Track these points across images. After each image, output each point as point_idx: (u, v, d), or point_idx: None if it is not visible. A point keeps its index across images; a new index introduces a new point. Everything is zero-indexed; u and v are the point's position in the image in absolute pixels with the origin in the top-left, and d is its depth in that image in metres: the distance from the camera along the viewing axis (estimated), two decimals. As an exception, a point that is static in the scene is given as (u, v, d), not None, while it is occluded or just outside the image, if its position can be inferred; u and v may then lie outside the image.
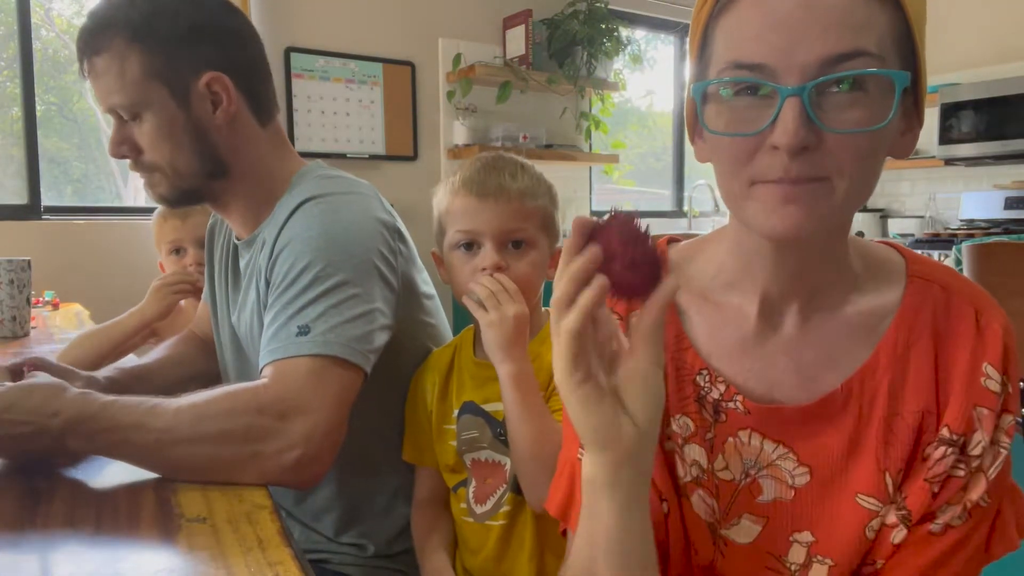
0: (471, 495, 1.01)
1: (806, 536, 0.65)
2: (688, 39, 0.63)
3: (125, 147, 0.98)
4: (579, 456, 0.68)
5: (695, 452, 0.67)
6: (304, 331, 0.87)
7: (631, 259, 0.51)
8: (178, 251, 1.60)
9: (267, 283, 0.97)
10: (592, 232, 0.54)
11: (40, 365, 0.96)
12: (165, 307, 1.46)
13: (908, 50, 0.56)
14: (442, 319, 1.17)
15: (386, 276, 0.96)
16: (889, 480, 0.63)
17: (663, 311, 0.54)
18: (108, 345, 1.41)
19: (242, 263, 1.10)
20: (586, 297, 0.52)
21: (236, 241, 1.12)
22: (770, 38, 0.54)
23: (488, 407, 0.99)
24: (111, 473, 0.79)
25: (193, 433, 0.78)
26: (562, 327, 0.53)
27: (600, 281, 0.53)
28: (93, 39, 0.95)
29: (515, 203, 0.96)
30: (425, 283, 1.11)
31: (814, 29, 0.53)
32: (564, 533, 0.73)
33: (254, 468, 0.78)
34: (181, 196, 1.02)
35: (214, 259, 1.21)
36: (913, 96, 0.59)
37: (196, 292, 1.47)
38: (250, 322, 1.04)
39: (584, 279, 0.53)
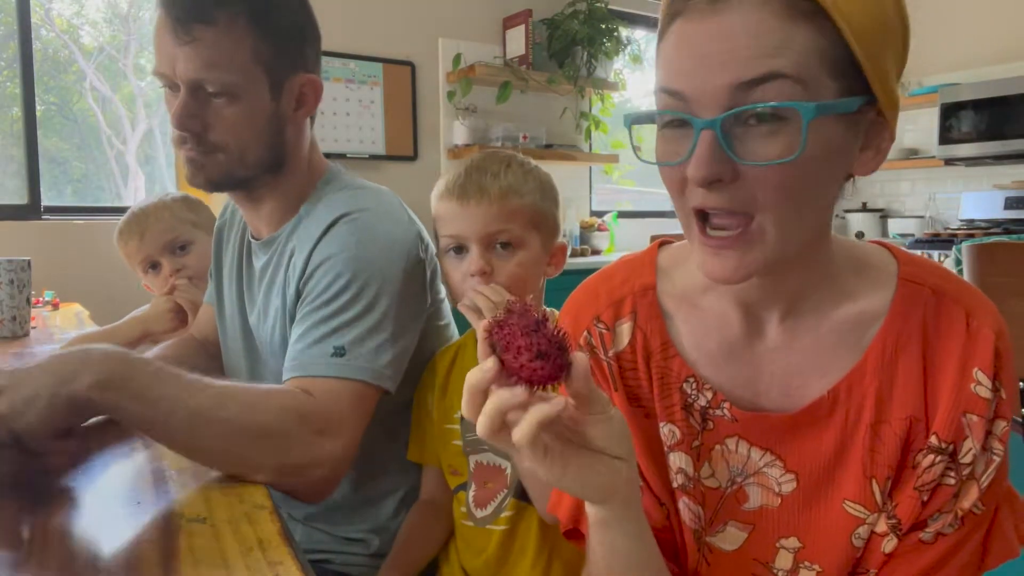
0: (470, 499, 1.00)
1: (792, 542, 0.65)
2: None
3: (196, 121, 0.95)
4: None
5: (681, 460, 0.67)
6: (340, 352, 0.89)
7: (536, 351, 0.50)
8: (153, 266, 1.52)
9: (297, 294, 0.97)
10: (491, 333, 0.52)
11: None
12: (171, 327, 1.45)
13: (847, 68, 0.54)
14: (451, 319, 1.18)
15: (417, 292, 0.99)
16: (876, 487, 0.62)
17: (588, 383, 0.52)
18: None
19: (257, 263, 1.10)
20: (524, 425, 0.50)
21: (252, 240, 1.12)
22: (687, 67, 0.54)
23: None
24: (111, 473, 0.78)
25: (239, 418, 0.76)
26: (518, 448, 0.52)
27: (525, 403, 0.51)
28: (208, 6, 0.92)
29: (496, 204, 0.95)
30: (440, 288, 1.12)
31: (724, 55, 0.52)
32: (568, 535, 0.72)
33: (276, 471, 0.78)
34: (229, 182, 1.01)
35: (223, 259, 1.20)
36: (876, 111, 0.57)
37: (195, 310, 1.45)
38: (272, 330, 1.04)
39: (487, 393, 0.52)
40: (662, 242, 0.74)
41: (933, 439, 0.61)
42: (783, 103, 0.52)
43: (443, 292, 1.13)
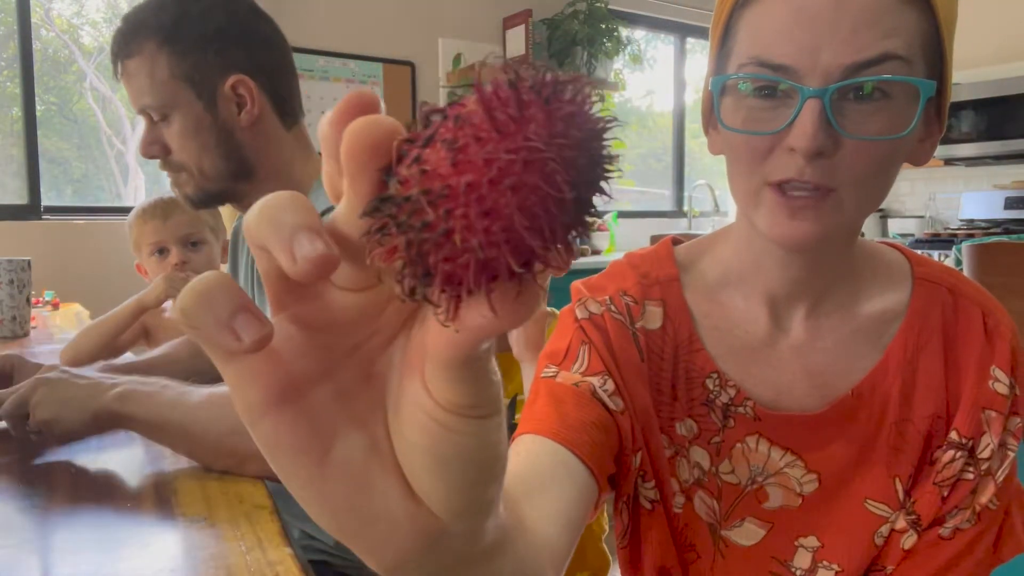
0: None
1: (812, 541, 0.65)
2: (710, 27, 0.62)
3: (156, 147, 1.01)
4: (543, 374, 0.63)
5: (698, 454, 0.66)
6: None
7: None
8: (161, 251, 1.57)
9: None
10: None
11: (15, 363, 1.00)
12: (165, 298, 1.47)
13: (935, 56, 0.55)
14: None
15: None
16: (899, 486, 0.62)
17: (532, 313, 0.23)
18: (107, 336, 1.41)
19: None
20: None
21: None
22: (796, 36, 0.52)
23: None
24: (111, 473, 0.79)
25: (227, 412, 0.77)
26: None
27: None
28: (126, 42, 0.98)
29: None
30: None
31: (842, 30, 0.51)
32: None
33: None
34: (207, 197, 1.04)
35: (239, 264, 1.20)
36: (936, 103, 0.58)
37: None
38: None
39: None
40: (673, 240, 0.72)
41: (953, 435, 0.61)
42: (909, 78, 0.52)
43: None
